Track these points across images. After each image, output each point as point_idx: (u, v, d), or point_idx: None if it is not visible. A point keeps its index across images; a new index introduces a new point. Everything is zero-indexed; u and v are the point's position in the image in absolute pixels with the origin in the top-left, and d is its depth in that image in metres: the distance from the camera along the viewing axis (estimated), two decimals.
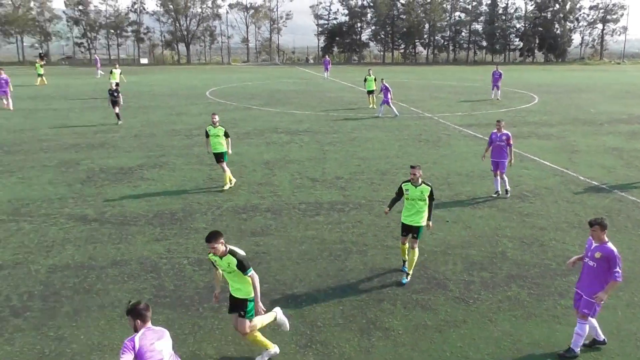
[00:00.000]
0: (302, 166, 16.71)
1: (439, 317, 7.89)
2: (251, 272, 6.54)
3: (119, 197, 13.45)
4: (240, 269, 6.48)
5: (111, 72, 34.46)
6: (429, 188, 8.96)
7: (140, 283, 8.90)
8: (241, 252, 6.64)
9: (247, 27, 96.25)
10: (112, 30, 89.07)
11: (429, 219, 8.98)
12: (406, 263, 9.22)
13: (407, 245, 9.16)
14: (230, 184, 14.26)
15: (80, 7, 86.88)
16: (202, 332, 7.48)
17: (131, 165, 16.71)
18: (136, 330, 5.01)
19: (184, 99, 34.77)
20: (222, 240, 6.44)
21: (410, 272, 9.05)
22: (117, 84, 27.86)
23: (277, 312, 7.23)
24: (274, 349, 6.96)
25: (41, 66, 44.64)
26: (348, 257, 9.94)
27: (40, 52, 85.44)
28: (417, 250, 9.03)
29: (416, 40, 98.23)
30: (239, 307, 6.73)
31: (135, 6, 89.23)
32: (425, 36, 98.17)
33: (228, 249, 6.54)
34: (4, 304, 8.18)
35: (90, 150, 18.87)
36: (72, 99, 33.86)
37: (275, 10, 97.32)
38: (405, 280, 8.94)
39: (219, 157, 14.09)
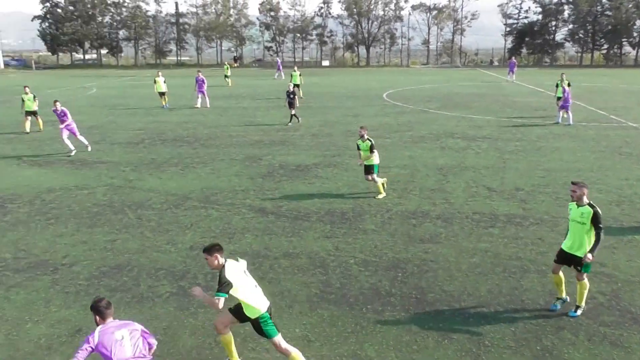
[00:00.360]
0: (479, 174, 15.89)
1: (633, 357, 6.81)
2: (219, 297, 5.93)
3: (294, 193, 14.12)
4: (218, 286, 6.04)
5: (292, 75, 36.43)
6: (591, 211, 7.40)
7: (309, 277, 9.17)
8: (230, 271, 6.10)
9: (429, 29, 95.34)
10: (298, 34, 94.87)
11: (591, 250, 7.49)
12: (562, 294, 8.07)
13: (560, 276, 7.92)
14: (383, 192, 13.70)
15: (272, 13, 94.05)
16: (364, 333, 7.43)
17: (307, 163, 17.47)
18: (97, 325, 5.29)
19: (361, 100, 35.54)
20: (216, 255, 6.10)
21: (582, 305, 7.83)
22: (295, 86, 29.26)
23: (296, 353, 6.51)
24: None
25: (228, 68, 49.11)
26: (524, 276, 9.14)
27: (235, 55, 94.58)
28: (586, 281, 7.75)
29: (623, 39, 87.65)
30: (254, 327, 6.38)
31: (322, 10, 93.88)
32: (635, 34, 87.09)
33: (223, 264, 6.13)
34: (192, 281, 9.04)
35: (272, 146, 20.18)
36: (259, 99, 36.69)
37: (459, 10, 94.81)
38: (574, 314, 7.79)
39: (369, 169, 13.63)
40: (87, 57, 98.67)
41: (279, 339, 6.39)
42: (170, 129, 24.22)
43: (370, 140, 13.44)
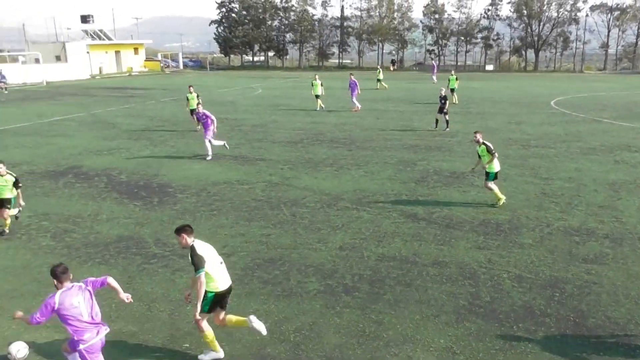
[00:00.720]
0: None
1: None
2: (200, 274, 6.39)
3: (447, 200, 13.83)
4: (194, 267, 6.45)
5: (449, 79, 35.41)
6: None
7: (457, 287, 8.95)
8: (200, 248, 6.51)
9: (609, 31, 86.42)
10: (462, 37, 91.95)
11: None
12: None
13: None
14: (499, 202, 13.17)
15: (436, 16, 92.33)
16: (513, 352, 7.08)
17: (463, 170, 16.95)
18: (57, 289, 5.79)
19: (525, 107, 33.54)
20: (184, 235, 6.50)
21: None
22: (451, 90, 28.09)
23: (252, 320, 6.95)
24: (220, 354, 6.95)
25: (380, 72, 49.20)
26: None
27: (393, 58, 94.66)
28: None
29: None
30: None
31: (489, 12, 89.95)
32: None
33: (191, 244, 6.50)
34: (339, 281, 9.30)
35: (427, 152, 19.94)
36: (417, 103, 36.35)
37: None
38: None
39: (486, 175, 13.35)
40: (255, 59, 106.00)
41: (203, 318, 6.78)
42: (328, 130, 25.09)
43: (485, 144, 13.15)
